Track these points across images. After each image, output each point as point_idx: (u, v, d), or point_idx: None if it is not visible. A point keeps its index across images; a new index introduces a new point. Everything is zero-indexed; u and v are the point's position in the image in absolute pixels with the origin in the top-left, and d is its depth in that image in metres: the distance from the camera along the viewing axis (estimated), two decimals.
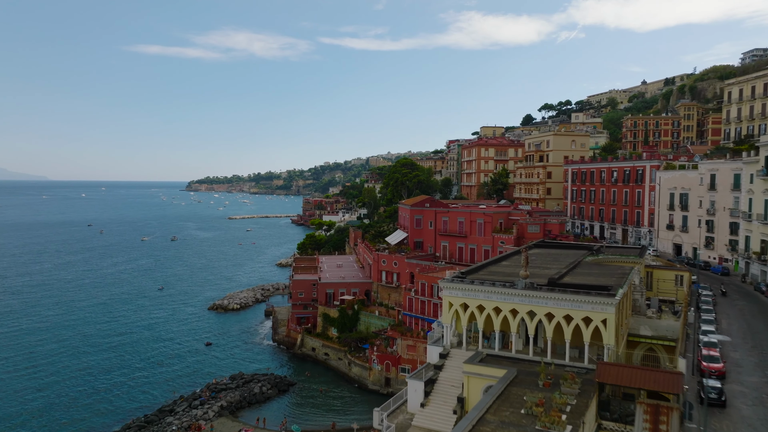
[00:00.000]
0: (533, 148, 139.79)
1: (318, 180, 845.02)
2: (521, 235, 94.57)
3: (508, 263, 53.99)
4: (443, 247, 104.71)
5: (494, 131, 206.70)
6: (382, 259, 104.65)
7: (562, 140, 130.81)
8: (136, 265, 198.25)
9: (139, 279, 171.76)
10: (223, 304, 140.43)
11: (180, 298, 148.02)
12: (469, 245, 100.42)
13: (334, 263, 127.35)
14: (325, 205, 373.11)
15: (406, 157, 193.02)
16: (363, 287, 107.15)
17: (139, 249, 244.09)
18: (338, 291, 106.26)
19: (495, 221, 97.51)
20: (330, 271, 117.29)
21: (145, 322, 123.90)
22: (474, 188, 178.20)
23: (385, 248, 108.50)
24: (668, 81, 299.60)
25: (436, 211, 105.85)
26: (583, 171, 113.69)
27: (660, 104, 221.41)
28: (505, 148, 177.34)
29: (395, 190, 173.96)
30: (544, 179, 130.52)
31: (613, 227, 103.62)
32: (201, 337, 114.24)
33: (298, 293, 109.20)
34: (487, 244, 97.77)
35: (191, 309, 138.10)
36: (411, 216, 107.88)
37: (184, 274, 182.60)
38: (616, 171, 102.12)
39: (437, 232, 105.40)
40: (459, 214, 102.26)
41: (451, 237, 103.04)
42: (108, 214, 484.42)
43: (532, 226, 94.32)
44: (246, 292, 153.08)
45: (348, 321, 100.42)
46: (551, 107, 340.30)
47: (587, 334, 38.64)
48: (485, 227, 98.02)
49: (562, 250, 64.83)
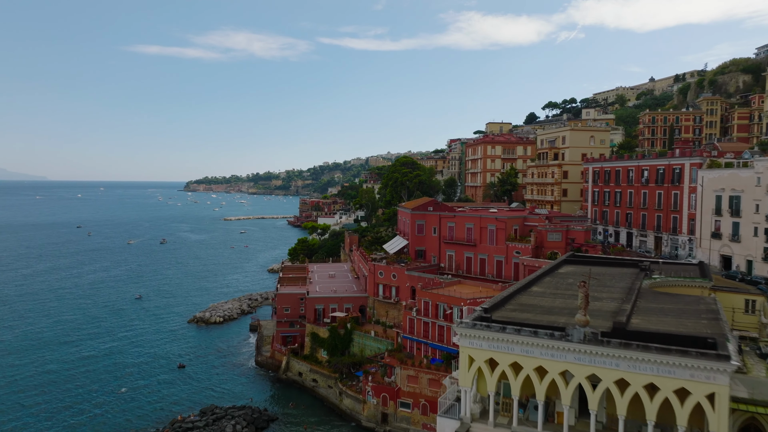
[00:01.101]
0: (546, 144, 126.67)
1: (317, 180, 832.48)
2: (540, 244, 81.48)
3: (541, 289, 40.82)
4: (449, 256, 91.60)
5: (501, 128, 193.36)
6: (379, 270, 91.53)
7: (580, 136, 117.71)
8: (117, 271, 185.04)
9: (117, 287, 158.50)
10: (204, 316, 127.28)
11: (158, 310, 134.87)
12: (479, 255, 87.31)
13: (326, 273, 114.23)
14: (322, 206, 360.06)
15: (407, 156, 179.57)
16: (357, 302, 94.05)
17: (125, 253, 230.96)
18: (329, 307, 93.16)
19: (509, 228, 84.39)
20: (321, 283, 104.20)
21: (113, 339, 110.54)
22: (479, 189, 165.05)
23: (383, 258, 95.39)
24: (678, 78, 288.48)
25: (440, 216, 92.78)
26: (607, 170, 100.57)
27: (676, 99, 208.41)
28: (513, 146, 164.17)
29: (394, 191, 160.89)
30: (560, 179, 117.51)
31: (644, 234, 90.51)
32: (174, 358, 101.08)
33: (283, 309, 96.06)
34: (499, 254, 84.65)
35: (169, 322, 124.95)
36: (412, 221, 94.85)
37: (167, 281, 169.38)
38: (647, 170, 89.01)
39: (442, 239, 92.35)
40: (467, 219, 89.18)
41: (457, 245, 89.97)
42: (100, 215, 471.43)
43: (553, 233, 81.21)
44: (231, 303, 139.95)
45: (339, 342, 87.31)
46: (555, 105, 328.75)
47: (683, 413, 25.48)
48: (498, 235, 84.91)
49: (604, 269, 51.66)
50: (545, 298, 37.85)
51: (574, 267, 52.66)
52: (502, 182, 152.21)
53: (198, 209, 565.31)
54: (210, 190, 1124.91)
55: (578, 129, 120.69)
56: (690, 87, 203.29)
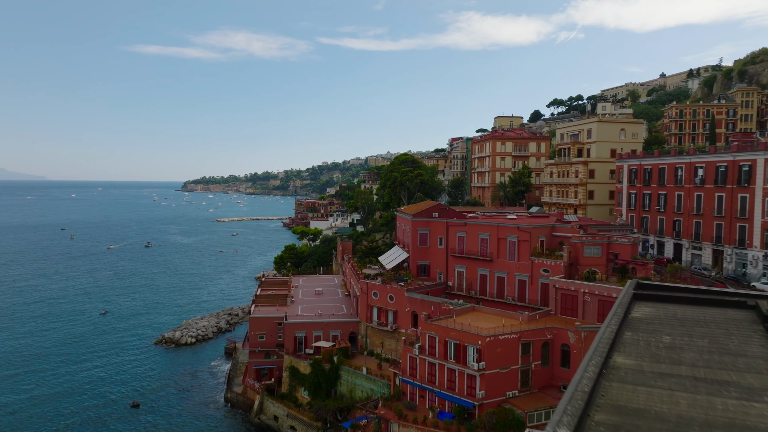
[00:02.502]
0: (568, 139, 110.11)
1: (316, 180, 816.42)
2: (574, 260, 64.86)
3: (631, 361, 23.87)
4: (458, 273, 74.93)
5: (511, 122, 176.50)
6: (373, 290, 74.88)
7: (608, 129, 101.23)
8: (88, 281, 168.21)
9: (81, 300, 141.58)
10: (174, 336, 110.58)
11: (123, 329, 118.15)
12: (496, 272, 70.64)
13: (312, 288, 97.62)
14: (318, 208, 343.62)
15: (407, 154, 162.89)
16: (347, 329, 77.38)
17: (102, 258, 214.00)
18: (312, 334, 76.50)
19: (535, 239, 67.72)
20: (305, 302, 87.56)
21: (61, 374, 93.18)
22: (488, 190, 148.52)
23: (378, 274, 78.69)
24: (692, 73, 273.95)
25: (447, 224, 76.15)
26: (647, 168, 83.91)
27: (700, 93, 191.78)
28: (525, 142, 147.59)
29: (393, 192, 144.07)
30: (585, 179, 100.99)
31: (698, 247, 73.84)
32: (129, 393, 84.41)
33: (257, 336, 79.38)
34: (523, 272, 68.01)
35: (132, 345, 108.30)
36: (413, 230, 78.20)
37: (141, 292, 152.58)
38: (702, 167, 72.42)
39: (450, 252, 75.73)
40: (481, 227, 72.53)
41: (469, 260, 73.35)
42: (90, 216, 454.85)
43: (591, 247, 64.56)
44: (207, 320, 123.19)
45: (324, 380, 70.66)
46: (561, 103, 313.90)
47: None
48: (520, 248, 68.27)
49: (694, 311, 34.74)
50: (652, 390, 21.10)
51: (652, 308, 35.77)
52: (514, 182, 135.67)
53: (192, 210, 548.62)
54: (208, 190, 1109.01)
55: (607, 121, 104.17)
56: (716, 79, 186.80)
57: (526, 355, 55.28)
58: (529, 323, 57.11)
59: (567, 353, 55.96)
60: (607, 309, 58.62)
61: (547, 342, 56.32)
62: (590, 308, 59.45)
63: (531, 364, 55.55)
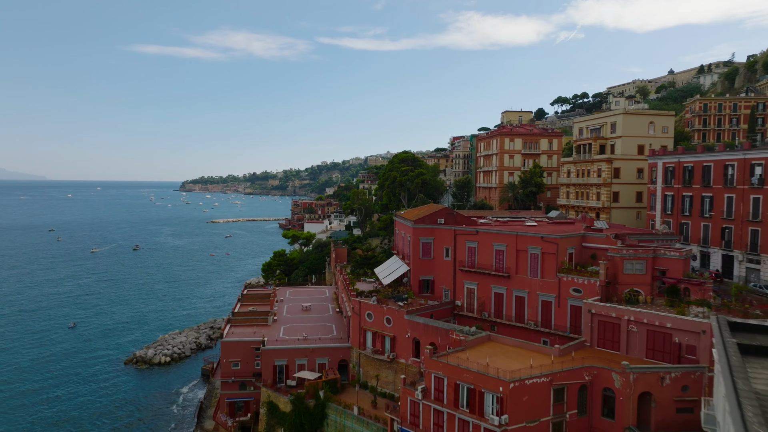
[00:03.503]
0: (588, 134, 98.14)
1: (315, 180, 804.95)
2: (613, 278, 52.85)
3: None
4: (468, 291, 62.97)
5: (520, 117, 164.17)
6: (367, 311, 62.92)
7: (636, 122, 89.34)
8: (64, 288, 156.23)
9: (51, 311, 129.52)
10: (146, 355, 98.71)
11: (91, 344, 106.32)
12: (515, 291, 58.65)
13: (299, 303, 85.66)
14: (315, 209, 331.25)
15: (406, 152, 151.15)
16: (336, 356, 65.42)
17: (84, 263, 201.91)
18: (294, 362, 64.55)
19: (562, 251, 55.69)
20: (289, 321, 75.64)
21: (12, 396, 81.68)
22: (495, 191, 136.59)
23: (373, 292, 66.65)
24: (703, 68, 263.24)
25: (455, 232, 64.14)
26: (688, 165, 71.90)
27: (720, 86, 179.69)
28: (535, 139, 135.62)
29: (392, 192, 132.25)
30: (609, 179, 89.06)
31: (755, 260, 61.91)
32: (85, 427, 72.51)
33: (231, 363, 67.41)
34: (547, 291, 56.01)
35: (99, 363, 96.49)
36: (414, 238, 66.22)
37: (118, 301, 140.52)
38: (761, 164, 60.54)
39: (458, 265, 63.76)
40: (496, 237, 60.52)
41: (482, 276, 61.38)
42: (82, 217, 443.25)
43: (634, 262, 52.53)
44: (186, 334, 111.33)
45: (307, 420, 58.76)
46: (565, 101, 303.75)
47: None
48: (544, 262, 56.28)
49: None
50: None
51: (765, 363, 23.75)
52: (525, 183, 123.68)
53: (188, 210, 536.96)
54: (206, 190, 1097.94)
55: (633, 112, 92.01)
56: (738, 72, 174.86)
57: (560, 403, 43.39)
58: (562, 361, 45.19)
59: (610, 399, 44.06)
60: (658, 342, 46.72)
61: (585, 385, 44.41)
62: (636, 340, 47.54)
63: (565, 415, 43.66)
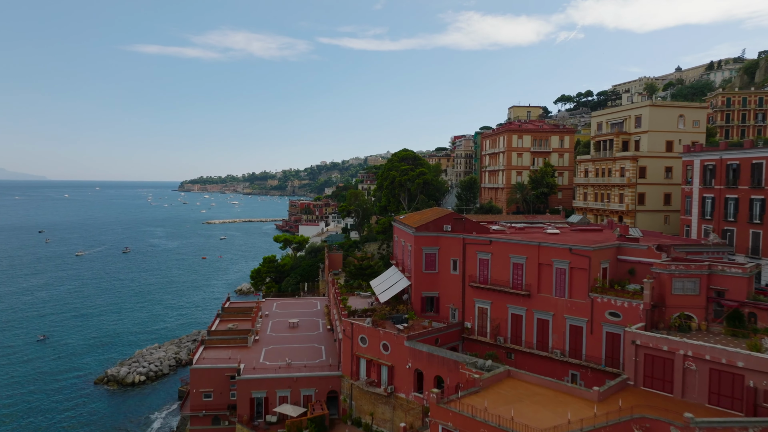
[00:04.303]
0: (609, 129, 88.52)
1: (314, 180, 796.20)
2: (660, 300, 43.25)
3: None
4: (479, 311, 53.35)
5: (528, 112, 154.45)
6: (361, 334, 53.30)
7: (664, 115, 79.82)
8: (41, 295, 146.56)
9: (21, 321, 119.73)
10: (118, 374, 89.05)
11: (60, 359, 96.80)
12: (536, 313, 49.03)
13: (285, 319, 76.01)
14: (313, 209, 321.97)
15: (407, 150, 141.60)
16: (324, 386, 55.79)
17: (67, 268, 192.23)
18: (275, 394, 54.95)
19: (595, 266, 46.06)
20: (272, 341, 66.03)
21: None
22: (502, 192, 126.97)
23: (368, 311, 56.99)
24: (712, 65, 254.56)
25: (464, 241, 54.49)
26: (733, 164, 62.31)
27: (740, 81, 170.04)
28: (546, 136, 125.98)
29: (391, 193, 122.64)
30: (634, 178, 79.52)
31: None
32: None
33: (201, 394, 57.76)
34: (577, 314, 46.38)
35: (66, 383, 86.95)
36: (416, 248, 56.59)
37: (95, 310, 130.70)
38: None
39: (468, 280, 54.14)
40: (514, 247, 50.87)
41: (496, 293, 51.76)
42: (76, 217, 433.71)
43: (684, 280, 42.94)
44: (166, 348, 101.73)
45: None
46: (569, 99, 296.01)
47: None
48: (573, 278, 46.67)
49: None
50: None
51: None
52: (535, 183, 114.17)
53: (185, 211, 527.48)
54: (205, 190, 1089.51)
55: (661, 105, 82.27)
56: (758, 65, 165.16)
57: None
58: (607, 409, 35.55)
59: None
60: (725, 385, 37.08)
61: None
62: (695, 381, 37.94)
63: None
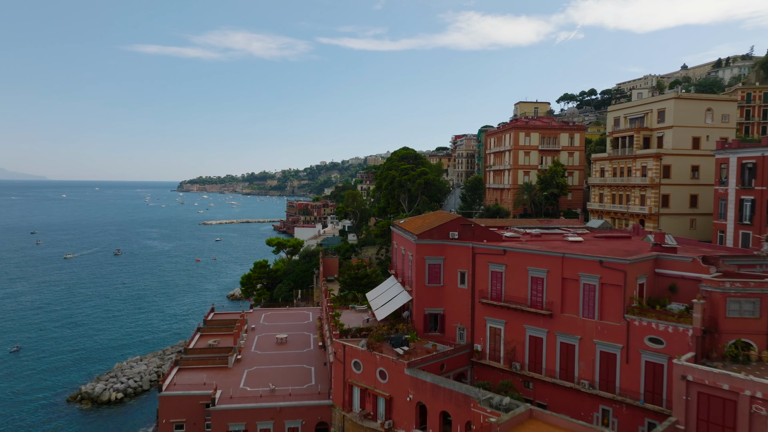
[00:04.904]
0: (627, 124, 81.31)
1: (313, 180, 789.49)
2: (712, 325, 35.95)
3: None
4: (492, 332, 46.06)
5: (536, 108, 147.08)
6: (354, 359, 45.99)
7: (690, 108, 72.59)
8: (22, 301, 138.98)
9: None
10: (93, 391, 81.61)
11: (32, 375, 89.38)
12: (559, 336, 41.74)
13: (273, 334, 68.68)
14: (311, 210, 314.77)
15: (407, 148, 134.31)
16: (312, 417, 48.49)
17: (54, 271, 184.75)
18: (255, 427, 47.64)
19: (631, 281, 38.78)
20: (256, 361, 58.70)
21: None
22: (508, 192, 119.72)
23: (363, 330, 49.65)
24: (720, 62, 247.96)
25: (474, 251, 47.17)
26: None
27: (755, 77, 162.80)
28: (555, 133, 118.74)
29: (390, 194, 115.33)
30: (657, 178, 72.33)
31: None
32: None
33: (172, 425, 50.46)
34: (610, 338, 39.07)
35: (36, 401, 79.61)
36: (418, 258, 49.26)
37: (75, 320, 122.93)
38: None
39: (478, 295, 46.82)
40: (532, 258, 43.56)
41: (511, 312, 44.46)
42: (70, 218, 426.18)
43: (741, 300, 35.68)
44: (148, 361, 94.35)
45: None
46: (572, 98, 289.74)
47: None
48: (605, 296, 39.36)
49: None
50: None
51: None
52: (545, 183, 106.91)
53: (182, 211, 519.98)
54: (203, 190, 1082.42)
55: (687, 97, 74.96)
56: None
57: None
58: None
59: None
60: None
61: None
62: (763, 429, 30.68)
63: None
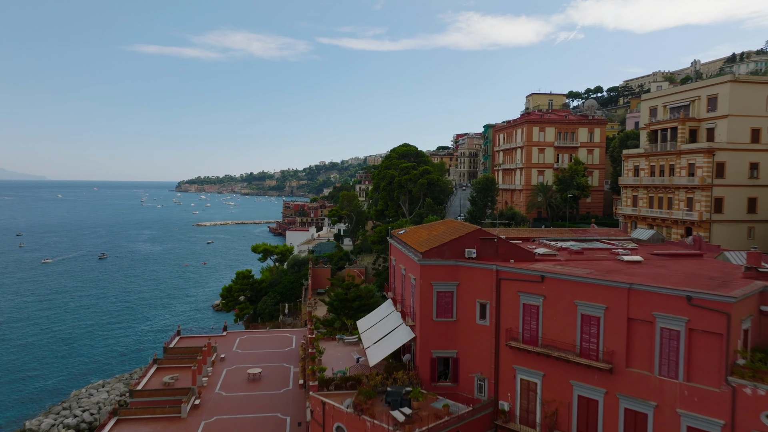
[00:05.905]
0: (668, 115, 69.29)
1: (313, 180, 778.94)
2: None
3: None
4: (522, 385, 33.86)
5: (550, 101, 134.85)
6: (336, 423, 33.73)
7: (749, 95, 60.54)
8: None
9: None
10: (39, 428, 69.55)
11: None
12: (624, 400, 29.53)
13: (246, 366, 56.36)
14: (308, 211, 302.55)
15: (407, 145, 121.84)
16: None
17: (28, 278, 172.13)
18: None
19: (736, 327, 26.62)
20: (219, 408, 46.48)
21: None
22: (520, 194, 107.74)
23: (350, 379, 37.38)
24: (734, 57, 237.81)
25: (499, 275, 34.91)
26: None
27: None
28: (573, 128, 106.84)
29: (389, 196, 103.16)
30: (708, 178, 60.40)
31: None
32: None
33: None
34: (704, 411, 26.89)
35: None
36: (423, 282, 37.04)
37: (40, 335, 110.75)
38: None
39: (505, 336, 34.59)
40: (582, 288, 31.34)
41: (552, 361, 32.26)
42: (60, 219, 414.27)
43: None
44: (111, 386, 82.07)
45: None
46: (578, 95, 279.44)
47: None
48: (694, 346, 27.18)
49: None
50: None
51: None
52: (563, 184, 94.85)
53: (177, 212, 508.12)
54: (202, 190, 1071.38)
55: (746, 80, 62.70)
56: None
57: None
58: None
59: None
60: None
61: None
62: None
63: None
